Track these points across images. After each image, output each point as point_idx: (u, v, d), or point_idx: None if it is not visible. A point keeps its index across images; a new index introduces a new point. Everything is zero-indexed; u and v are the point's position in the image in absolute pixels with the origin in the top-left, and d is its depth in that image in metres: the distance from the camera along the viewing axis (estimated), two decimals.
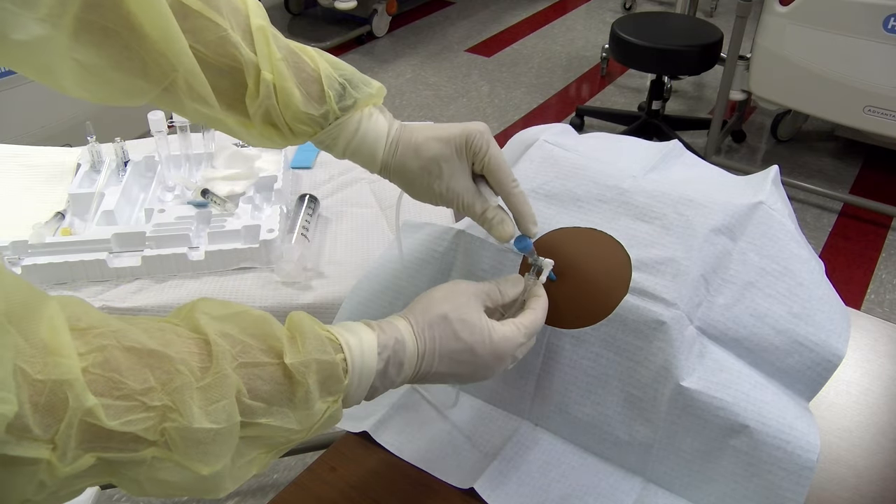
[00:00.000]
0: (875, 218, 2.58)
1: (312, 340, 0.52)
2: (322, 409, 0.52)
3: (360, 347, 0.55)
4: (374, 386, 0.57)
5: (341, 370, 0.53)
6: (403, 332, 0.59)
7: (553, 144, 0.88)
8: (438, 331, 0.60)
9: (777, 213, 0.81)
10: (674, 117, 3.07)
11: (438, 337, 0.60)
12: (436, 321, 0.60)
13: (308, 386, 0.50)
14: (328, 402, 0.53)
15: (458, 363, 0.61)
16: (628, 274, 0.74)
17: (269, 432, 0.50)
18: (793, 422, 0.69)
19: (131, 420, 0.43)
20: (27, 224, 1.04)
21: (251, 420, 0.48)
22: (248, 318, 0.51)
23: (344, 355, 0.54)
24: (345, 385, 0.54)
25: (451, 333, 0.60)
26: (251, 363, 0.48)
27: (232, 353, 0.48)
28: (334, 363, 0.53)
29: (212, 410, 0.45)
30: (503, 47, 3.82)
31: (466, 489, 0.72)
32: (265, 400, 0.49)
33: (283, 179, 1.14)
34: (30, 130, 2.12)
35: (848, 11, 2.26)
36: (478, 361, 0.61)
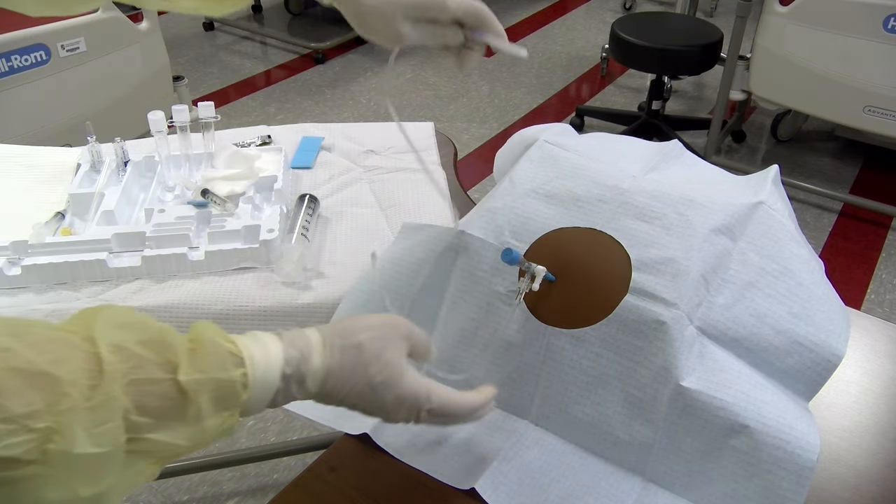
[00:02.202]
0: (875, 218, 2.58)
1: (212, 355, 0.51)
2: (216, 424, 0.51)
3: (264, 362, 0.54)
4: (275, 399, 0.56)
5: (239, 386, 0.52)
6: (313, 349, 0.57)
7: (553, 144, 0.88)
8: (349, 358, 0.58)
9: (777, 213, 0.81)
10: (674, 117, 3.07)
11: (348, 365, 0.58)
12: (349, 347, 0.58)
13: (201, 404, 0.49)
14: (223, 416, 0.51)
15: (358, 396, 0.59)
16: (628, 274, 0.74)
17: (156, 447, 0.48)
18: (793, 422, 0.70)
19: (11, 444, 0.41)
20: (27, 224, 1.04)
21: (137, 436, 0.46)
22: (147, 329, 0.49)
23: (245, 370, 0.52)
24: (243, 401, 0.52)
25: (361, 365, 0.58)
26: (144, 379, 0.47)
27: (123, 371, 0.46)
28: (232, 381, 0.51)
29: (97, 433, 0.44)
30: None
31: (467, 489, 0.72)
32: (154, 416, 0.47)
33: (283, 179, 1.14)
34: (30, 130, 2.12)
35: (848, 11, 2.26)
36: (377, 402, 0.60)
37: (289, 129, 1.36)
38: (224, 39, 3.88)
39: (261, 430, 1.77)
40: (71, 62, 2.16)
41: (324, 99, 3.25)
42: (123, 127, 1.51)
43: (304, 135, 1.33)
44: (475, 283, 0.81)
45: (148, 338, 0.49)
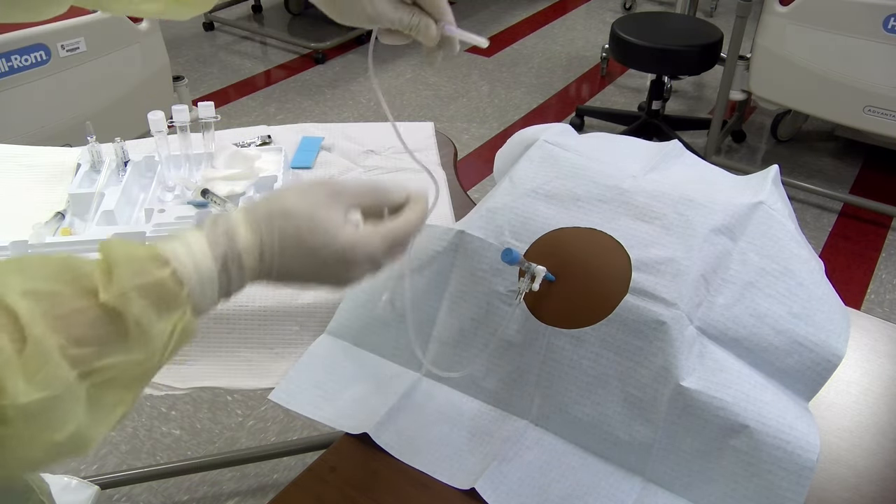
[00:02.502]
0: (875, 218, 2.58)
1: (126, 266, 0.48)
2: (166, 329, 0.49)
3: (189, 253, 0.51)
4: (224, 288, 0.53)
5: (172, 283, 0.49)
6: (235, 223, 0.54)
7: (553, 144, 0.88)
8: (278, 223, 0.55)
9: (777, 213, 0.81)
10: (674, 117, 3.07)
11: (277, 230, 0.55)
12: (276, 213, 0.55)
13: (136, 314, 0.47)
14: (172, 319, 0.49)
15: (301, 263, 0.56)
16: (628, 274, 0.74)
17: (116, 372, 0.47)
18: (793, 422, 0.70)
19: None
20: (27, 224, 1.04)
21: (89, 367, 0.45)
22: (50, 264, 0.47)
23: (172, 268, 0.50)
24: (184, 296, 0.50)
25: (293, 230, 0.55)
26: (66, 313, 0.45)
27: (41, 311, 0.44)
28: (160, 282, 0.49)
29: (39, 380, 0.42)
30: (503, 47, 3.82)
31: (467, 489, 0.72)
32: (95, 343, 0.45)
33: (283, 179, 1.14)
34: (30, 130, 2.12)
35: (848, 11, 2.26)
36: (322, 265, 0.57)
37: (289, 129, 1.36)
38: (224, 39, 3.88)
39: (261, 430, 1.77)
40: (71, 62, 2.16)
41: (324, 99, 3.25)
42: (123, 127, 1.51)
43: (304, 135, 1.33)
44: (475, 283, 0.81)
45: (54, 272, 0.47)
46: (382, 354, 0.87)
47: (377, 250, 0.58)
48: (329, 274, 0.58)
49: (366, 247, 0.57)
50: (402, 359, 0.86)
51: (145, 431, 1.75)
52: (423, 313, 0.84)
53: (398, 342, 0.86)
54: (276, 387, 0.84)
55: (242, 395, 1.85)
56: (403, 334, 0.85)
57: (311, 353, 0.88)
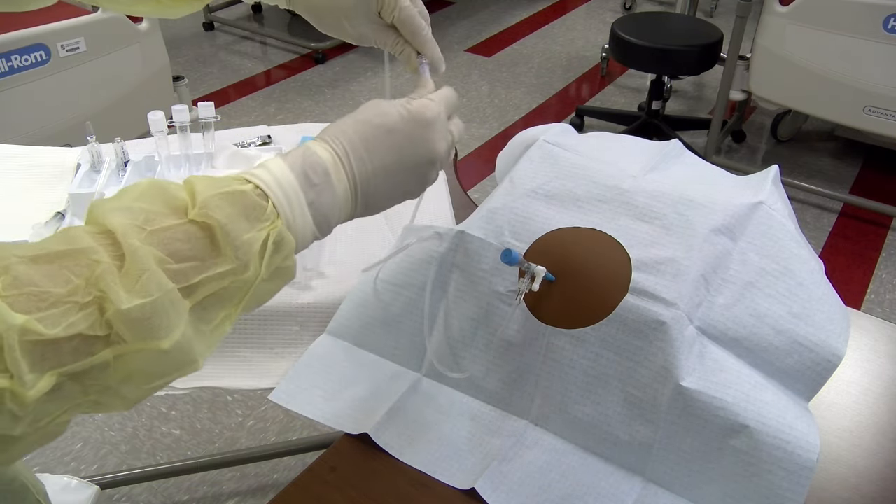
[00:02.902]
0: (875, 218, 2.58)
1: (209, 183, 0.50)
2: (257, 238, 0.49)
3: (266, 171, 0.53)
4: (313, 203, 0.54)
5: (256, 196, 0.51)
6: (310, 144, 0.56)
7: (553, 144, 0.88)
8: (351, 128, 0.57)
9: (777, 213, 0.81)
10: (674, 117, 3.07)
11: (354, 132, 0.57)
12: (345, 124, 0.58)
13: (222, 222, 0.48)
14: (263, 229, 0.50)
15: (388, 149, 0.58)
16: (628, 274, 0.74)
17: (215, 286, 0.48)
18: (793, 422, 0.70)
19: (72, 322, 0.42)
20: (27, 224, 1.04)
21: (188, 283, 0.46)
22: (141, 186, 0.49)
23: (253, 183, 0.51)
24: (270, 207, 0.51)
25: (368, 124, 0.58)
26: (160, 228, 0.46)
27: (136, 225, 0.46)
28: (243, 192, 0.50)
29: (138, 287, 0.44)
30: (503, 47, 3.82)
31: (467, 489, 0.72)
32: (192, 258, 0.47)
33: None
34: (30, 130, 2.12)
35: (848, 11, 2.26)
36: (407, 138, 0.59)
37: (289, 129, 1.36)
38: (224, 39, 3.88)
39: (261, 430, 1.77)
40: (71, 62, 2.16)
41: (324, 99, 3.25)
42: (123, 127, 1.51)
43: (304, 135, 1.33)
44: (475, 283, 0.81)
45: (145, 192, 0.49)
46: (382, 354, 0.87)
47: (441, 105, 0.61)
48: (417, 140, 0.59)
49: (431, 106, 0.60)
50: (402, 359, 0.86)
51: (145, 431, 1.75)
52: (424, 313, 0.84)
53: (398, 342, 0.86)
54: (276, 387, 0.84)
55: (242, 395, 1.85)
56: (404, 334, 0.85)
57: (311, 353, 0.88)
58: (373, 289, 0.88)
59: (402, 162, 0.59)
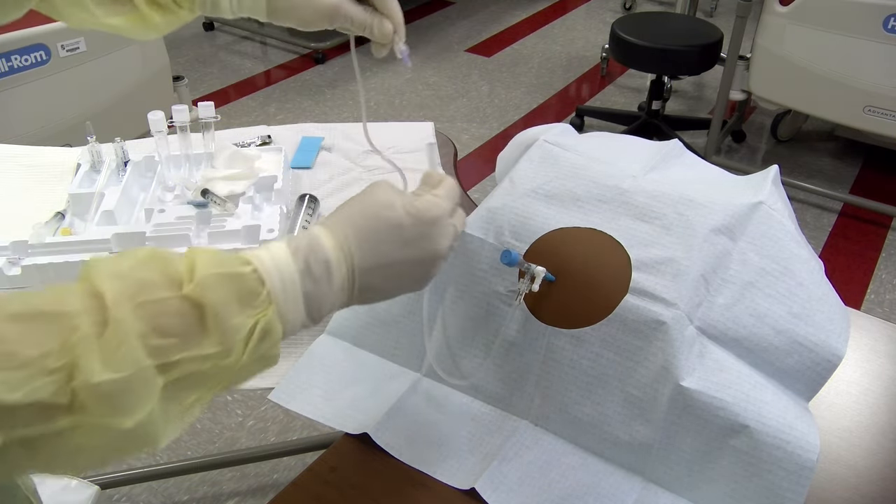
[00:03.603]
0: (875, 218, 2.58)
1: (209, 259, 0.49)
2: (245, 324, 0.48)
3: (269, 255, 0.52)
4: (309, 293, 0.53)
5: (254, 280, 0.50)
6: (317, 232, 0.55)
7: (553, 144, 0.88)
8: (359, 218, 0.56)
9: (777, 213, 0.81)
10: (674, 117, 3.07)
11: (361, 224, 0.56)
12: (352, 213, 0.57)
13: (214, 303, 0.47)
14: (252, 315, 0.49)
15: (392, 247, 0.57)
16: (628, 274, 0.74)
17: (193, 367, 0.47)
18: (793, 422, 0.70)
19: (36, 388, 0.40)
20: (27, 224, 1.04)
21: (166, 360, 0.45)
22: (141, 253, 0.48)
23: (253, 266, 0.50)
24: (265, 294, 0.50)
25: (374, 217, 0.57)
26: (151, 300, 0.45)
27: (127, 294, 0.44)
28: (241, 274, 0.49)
29: (113, 360, 0.42)
30: (503, 47, 3.82)
31: (467, 489, 0.72)
32: (177, 335, 0.46)
33: (283, 179, 1.14)
34: (30, 130, 2.12)
35: (848, 11, 2.26)
36: (413, 237, 0.57)
37: (289, 129, 1.36)
38: (224, 39, 3.88)
39: (261, 430, 1.77)
40: (71, 62, 2.16)
41: (324, 99, 3.25)
42: (123, 127, 1.51)
43: (304, 135, 1.33)
44: (475, 283, 0.81)
45: (143, 260, 0.48)
46: (382, 354, 0.87)
47: (448, 204, 0.61)
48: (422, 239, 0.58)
49: (438, 204, 0.60)
50: (402, 359, 0.86)
51: None
52: (424, 313, 0.84)
53: (398, 342, 0.86)
54: (276, 387, 0.84)
55: (242, 395, 1.85)
56: (404, 334, 0.85)
57: (311, 353, 0.88)
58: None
59: (405, 259, 0.58)
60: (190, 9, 0.78)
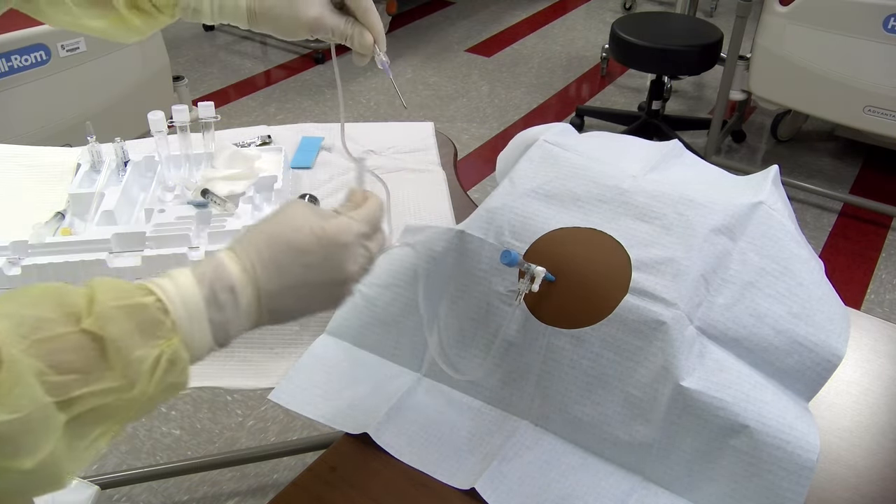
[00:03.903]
0: (875, 218, 2.58)
1: (109, 292, 0.48)
2: (149, 355, 0.48)
3: (172, 283, 0.51)
4: (214, 320, 0.52)
5: (157, 310, 0.49)
6: (221, 257, 0.54)
7: (553, 144, 0.88)
8: (264, 243, 0.55)
9: (777, 213, 0.81)
10: (674, 117, 3.07)
11: (266, 248, 0.55)
12: (258, 237, 0.56)
13: (115, 336, 0.46)
14: (156, 346, 0.48)
15: (298, 270, 0.56)
16: (628, 274, 0.74)
17: (96, 401, 0.46)
18: (793, 422, 0.70)
19: None
20: (27, 224, 1.04)
21: (67, 396, 0.44)
22: (36, 291, 0.47)
23: (157, 296, 0.49)
24: (169, 323, 0.49)
25: (280, 240, 0.56)
26: (48, 338, 0.44)
27: (20, 333, 0.44)
28: (143, 305, 0.48)
29: (8, 400, 0.41)
30: (503, 47, 3.82)
31: (467, 489, 0.72)
32: (77, 370, 0.45)
33: (283, 179, 1.14)
34: (30, 130, 2.12)
35: (848, 11, 2.26)
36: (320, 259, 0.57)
37: (289, 129, 1.36)
38: (224, 39, 3.88)
39: (261, 430, 1.77)
40: (71, 62, 2.16)
41: (324, 99, 3.25)
42: (123, 127, 1.51)
43: (304, 135, 1.33)
44: (475, 283, 0.81)
45: (38, 298, 0.47)
46: (382, 354, 0.87)
47: (361, 228, 0.59)
48: (329, 261, 0.57)
49: (350, 227, 0.58)
50: (401, 359, 0.86)
51: (145, 431, 1.75)
52: (424, 313, 0.84)
53: (398, 342, 0.86)
54: (276, 387, 0.84)
55: (242, 395, 1.85)
56: (404, 334, 0.85)
57: (311, 353, 0.88)
58: (371, 289, 0.88)
59: (311, 282, 0.57)
60: (171, 14, 0.78)
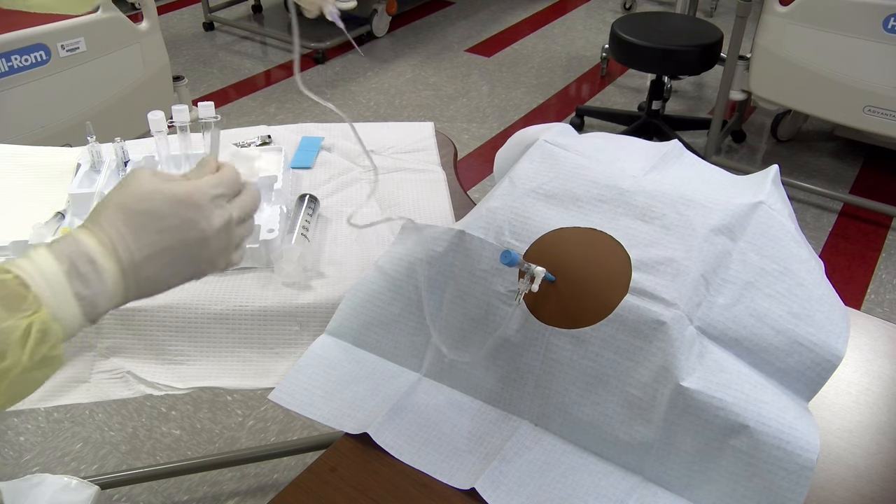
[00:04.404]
0: (875, 218, 2.58)
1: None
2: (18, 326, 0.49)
3: (29, 261, 0.52)
4: (80, 294, 0.53)
5: (16, 285, 0.50)
6: (77, 234, 0.55)
7: (553, 144, 0.88)
8: (116, 215, 0.56)
9: (777, 213, 0.81)
10: (674, 117, 3.07)
11: (120, 220, 0.56)
12: (109, 209, 0.56)
13: None
14: (23, 318, 0.49)
15: (156, 235, 0.56)
16: (628, 274, 0.74)
17: None
18: (793, 422, 0.70)
19: None
20: (27, 224, 1.04)
21: None
22: None
23: (14, 273, 0.51)
24: (31, 297, 0.50)
25: (132, 209, 0.56)
26: None
27: None
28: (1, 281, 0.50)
29: None
30: (503, 47, 3.82)
31: (467, 489, 0.72)
32: None
33: (284, 179, 1.14)
34: (30, 130, 2.12)
35: (848, 11, 2.26)
36: (176, 222, 0.57)
37: (289, 129, 1.36)
38: (224, 39, 3.88)
39: (261, 430, 1.77)
40: (71, 62, 2.16)
41: (324, 99, 3.25)
42: (123, 127, 1.51)
43: (304, 135, 1.33)
44: (475, 283, 0.81)
45: None
46: (382, 354, 0.87)
47: (214, 190, 0.59)
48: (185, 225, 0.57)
49: (200, 188, 0.58)
50: (402, 359, 0.86)
51: (145, 431, 1.75)
52: (424, 313, 0.84)
53: (398, 342, 0.86)
54: (276, 387, 0.84)
55: (242, 395, 1.85)
56: (404, 334, 0.85)
57: (311, 353, 0.88)
58: (372, 289, 0.87)
59: (171, 246, 0.58)
60: None
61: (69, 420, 1.77)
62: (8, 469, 1.65)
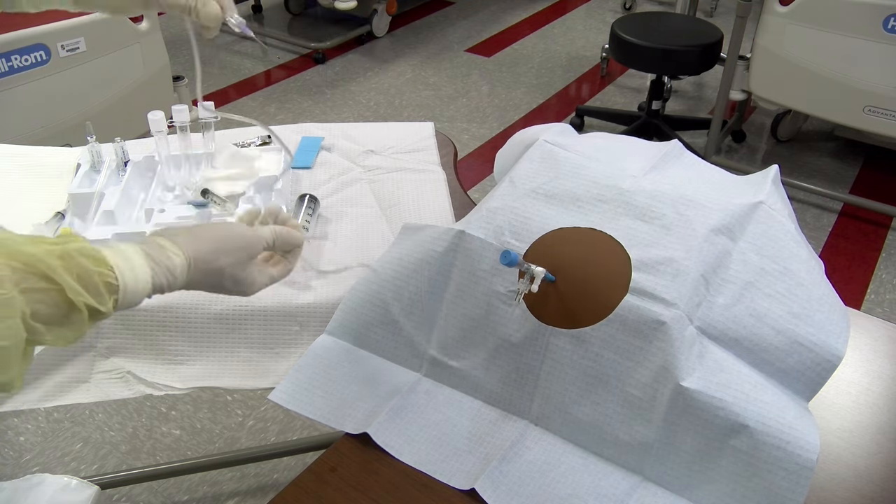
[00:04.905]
0: (875, 218, 2.58)
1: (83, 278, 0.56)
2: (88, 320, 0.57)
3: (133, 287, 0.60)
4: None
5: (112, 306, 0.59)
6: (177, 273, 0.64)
7: (553, 144, 0.88)
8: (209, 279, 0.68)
9: (777, 213, 0.81)
10: (674, 117, 3.07)
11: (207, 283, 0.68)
12: (212, 272, 0.67)
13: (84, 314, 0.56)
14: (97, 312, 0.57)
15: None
16: (628, 274, 0.74)
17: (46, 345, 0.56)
18: (793, 422, 0.70)
19: None
20: (27, 224, 1.04)
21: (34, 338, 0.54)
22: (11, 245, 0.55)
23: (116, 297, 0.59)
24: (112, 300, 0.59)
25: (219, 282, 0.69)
26: (32, 288, 0.53)
27: (14, 280, 0.52)
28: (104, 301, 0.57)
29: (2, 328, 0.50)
30: (503, 47, 3.82)
31: (467, 489, 0.72)
32: (46, 322, 0.54)
33: (284, 179, 1.14)
34: (30, 130, 2.12)
35: (848, 11, 2.26)
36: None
37: (289, 129, 1.36)
38: (224, 39, 3.88)
39: (261, 430, 1.77)
40: (71, 62, 2.16)
41: (324, 99, 3.25)
42: (123, 127, 1.51)
43: (304, 135, 1.33)
44: (475, 283, 0.81)
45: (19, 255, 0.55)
46: (382, 354, 0.87)
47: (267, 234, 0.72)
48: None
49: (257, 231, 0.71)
50: (401, 359, 0.86)
51: (145, 431, 1.75)
52: (424, 313, 0.84)
53: (398, 342, 0.86)
54: (276, 387, 0.84)
55: (242, 395, 1.85)
56: (404, 334, 0.85)
57: (311, 353, 0.88)
58: (372, 289, 0.87)
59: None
60: None
61: (69, 420, 1.77)
62: (8, 469, 1.65)
